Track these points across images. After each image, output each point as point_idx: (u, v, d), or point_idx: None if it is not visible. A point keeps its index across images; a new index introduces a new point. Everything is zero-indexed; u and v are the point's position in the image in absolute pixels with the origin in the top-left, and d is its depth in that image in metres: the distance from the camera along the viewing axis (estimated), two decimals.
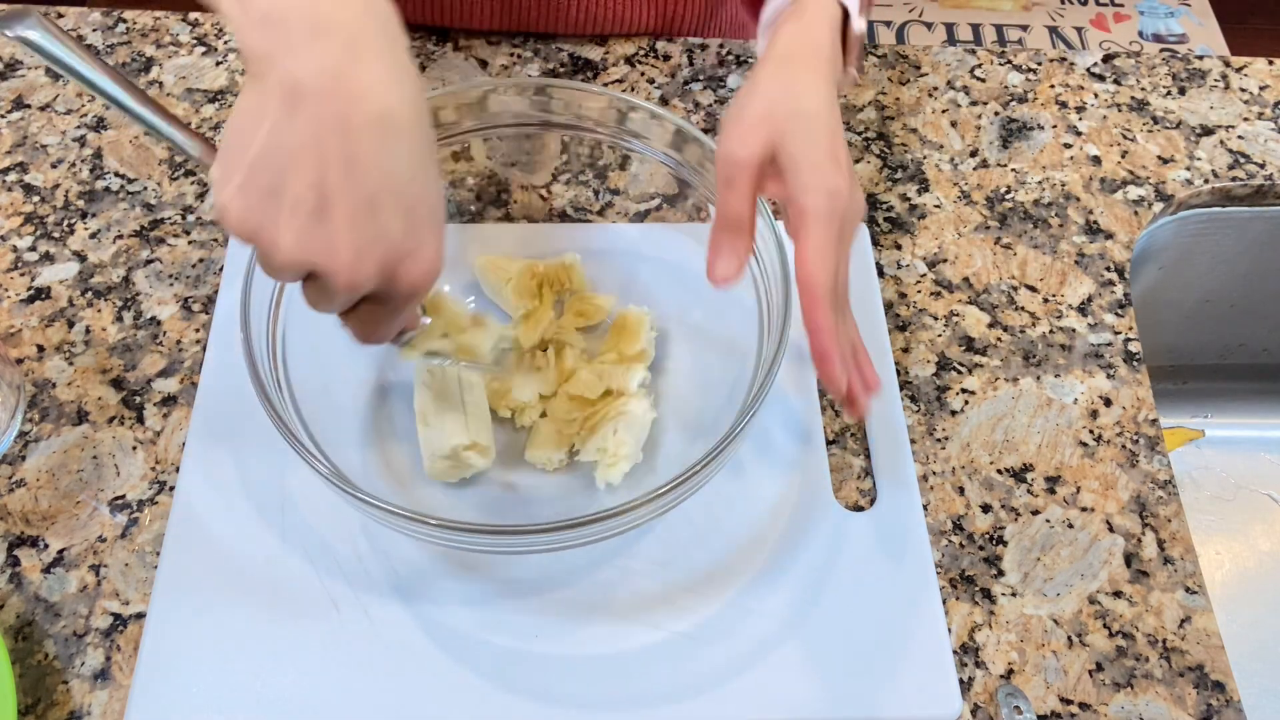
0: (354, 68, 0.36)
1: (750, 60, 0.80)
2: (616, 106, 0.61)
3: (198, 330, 0.64)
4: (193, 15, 0.82)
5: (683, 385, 0.62)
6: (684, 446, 0.59)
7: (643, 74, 0.79)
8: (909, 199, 0.74)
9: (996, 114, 0.79)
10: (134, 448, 0.60)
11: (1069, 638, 0.56)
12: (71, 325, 0.65)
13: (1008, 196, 0.74)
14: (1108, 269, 0.71)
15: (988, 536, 0.59)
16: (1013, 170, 0.76)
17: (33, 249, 0.68)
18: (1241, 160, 0.77)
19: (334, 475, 0.48)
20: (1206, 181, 0.76)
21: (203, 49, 0.79)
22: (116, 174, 0.72)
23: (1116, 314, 0.68)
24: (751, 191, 0.50)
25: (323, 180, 0.37)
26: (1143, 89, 0.81)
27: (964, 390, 0.65)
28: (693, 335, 0.63)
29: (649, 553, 0.56)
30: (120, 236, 0.69)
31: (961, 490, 0.61)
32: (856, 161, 0.75)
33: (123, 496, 0.58)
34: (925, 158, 0.76)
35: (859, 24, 0.55)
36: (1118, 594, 0.57)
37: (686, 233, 0.68)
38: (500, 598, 0.55)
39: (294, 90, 0.36)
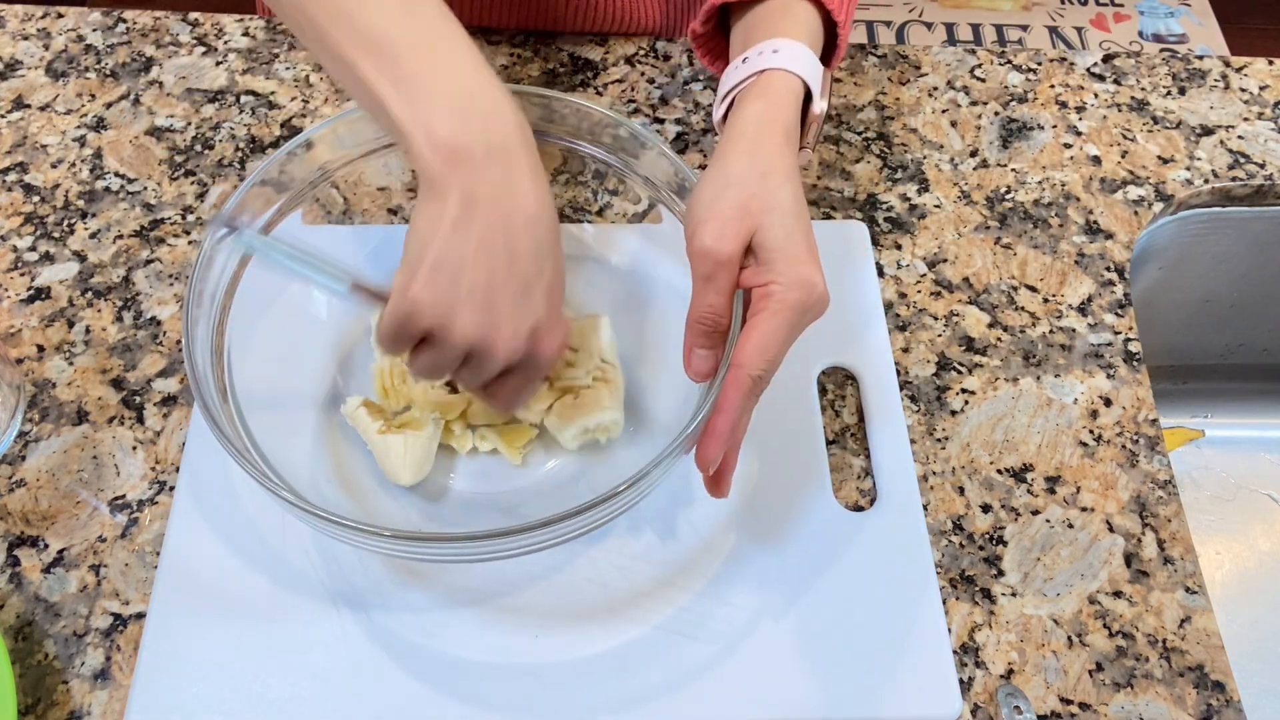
0: (513, 182, 0.45)
1: None
2: (603, 123, 0.60)
3: None
4: (193, 15, 0.82)
5: (668, 379, 0.62)
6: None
7: (643, 74, 0.79)
8: (909, 199, 0.74)
9: (996, 114, 0.79)
10: (134, 448, 0.60)
11: (1069, 638, 0.56)
12: (71, 325, 0.65)
13: (1008, 196, 0.74)
14: (1108, 269, 0.71)
15: (988, 536, 0.59)
16: (1013, 170, 0.76)
17: (33, 249, 0.68)
18: (1241, 160, 0.77)
19: (292, 495, 0.48)
20: (1206, 181, 0.76)
21: (203, 49, 0.79)
22: (116, 174, 0.72)
23: (1116, 314, 0.68)
24: (731, 288, 0.50)
25: (492, 271, 0.45)
26: (1143, 89, 0.81)
27: (964, 390, 0.65)
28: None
29: (645, 553, 0.56)
30: (120, 236, 0.69)
31: (961, 490, 0.61)
32: (856, 161, 0.75)
33: (123, 496, 0.58)
34: (925, 158, 0.76)
35: (820, 105, 0.55)
36: (1118, 594, 0.57)
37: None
38: (499, 602, 0.55)
39: (471, 201, 0.45)
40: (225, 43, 0.80)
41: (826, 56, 0.58)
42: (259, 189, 0.56)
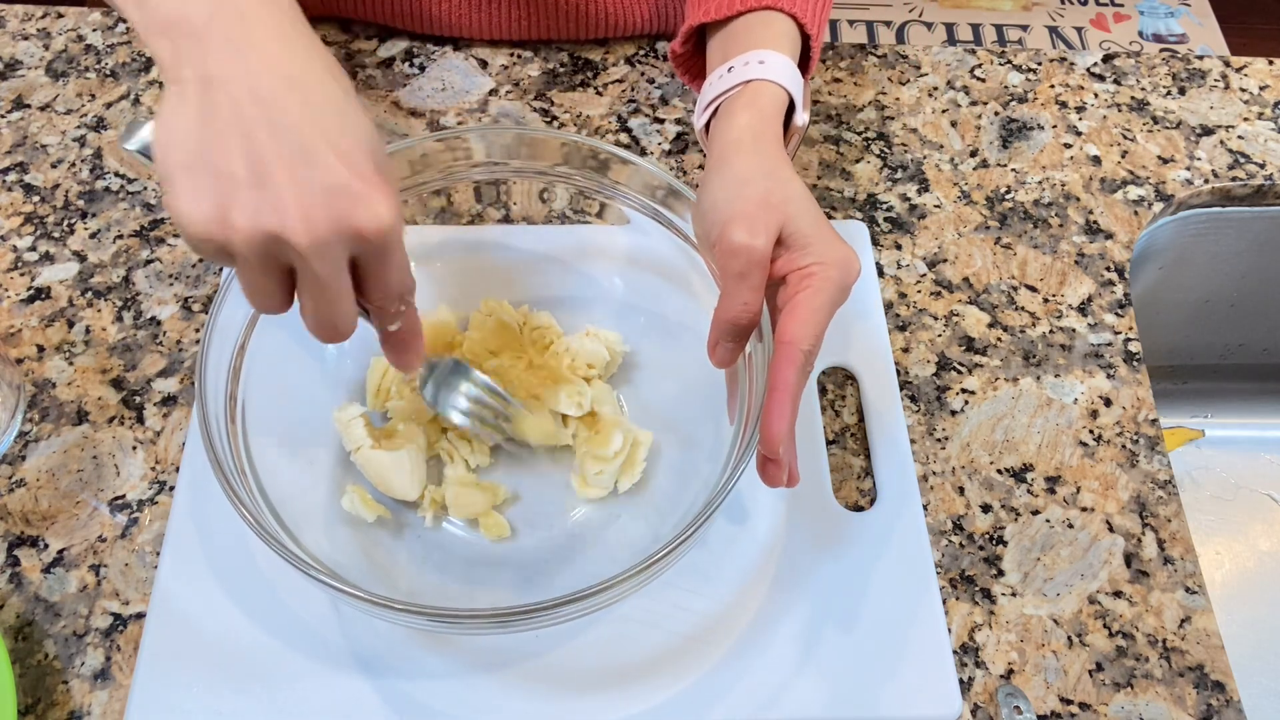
0: (254, 47, 0.39)
1: None
2: (587, 152, 0.59)
3: (198, 330, 0.64)
4: None
5: (664, 389, 0.61)
6: (677, 455, 0.59)
7: (643, 74, 0.79)
8: (909, 199, 0.74)
9: (996, 114, 0.79)
10: (134, 448, 0.60)
11: (1069, 638, 0.56)
12: (71, 325, 0.65)
13: (1008, 196, 0.74)
14: (1108, 269, 0.71)
15: (988, 536, 0.59)
16: (1013, 170, 0.76)
17: (33, 249, 0.68)
18: (1241, 160, 0.77)
19: (308, 566, 0.46)
20: (1206, 181, 0.76)
21: None
22: (116, 174, 0.72)
23: (1116, 314, 0.68)
24: (764, 283, 0.49)
25: (253, 148, 0.38)
26: (1143, 89, 0.81)
27: (964, 390, 0.65)
28: (682, 332, 0.63)
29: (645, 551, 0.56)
30: (120, 236, 0.69)
31: (961, 490, 0.61)
32: (856, 161, 0.75)
33: (123, 496, 0.58)
34: (925, 158, 0.76)
35: (802, 117, 0.56)
36: (1118, 594, 0.57)
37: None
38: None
39: (207, 82, 0.38)
40: None
41: (801, 68, 0.59)
42: None
